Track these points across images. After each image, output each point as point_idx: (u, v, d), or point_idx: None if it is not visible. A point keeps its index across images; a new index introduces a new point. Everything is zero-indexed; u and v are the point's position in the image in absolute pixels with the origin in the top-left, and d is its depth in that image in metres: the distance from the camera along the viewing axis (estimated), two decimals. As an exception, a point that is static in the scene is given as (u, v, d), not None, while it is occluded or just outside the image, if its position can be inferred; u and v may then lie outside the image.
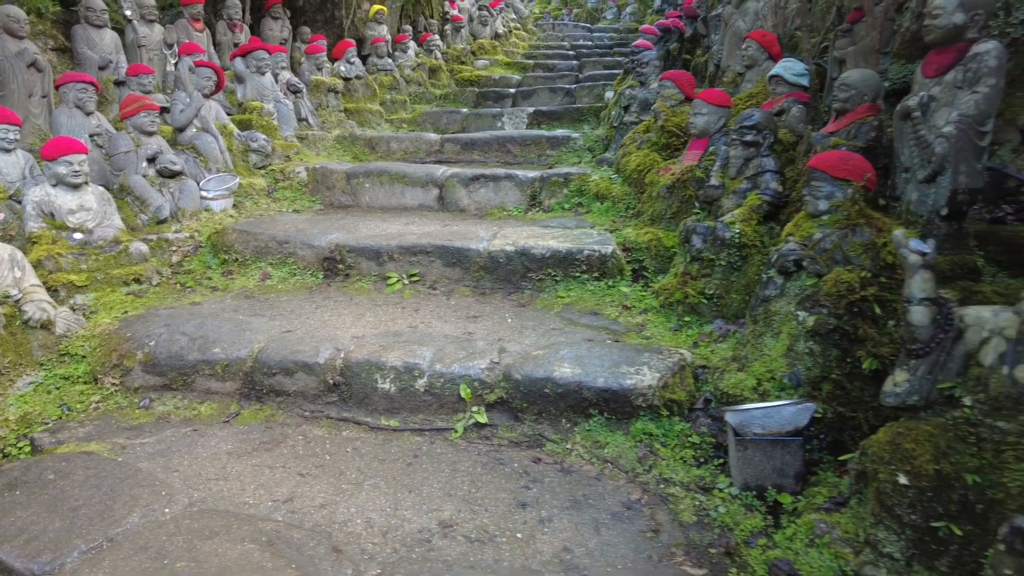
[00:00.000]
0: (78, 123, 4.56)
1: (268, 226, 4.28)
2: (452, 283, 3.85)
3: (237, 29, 7.73)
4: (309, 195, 5.30)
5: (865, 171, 2.39)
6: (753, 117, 3.12)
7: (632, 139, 4.83)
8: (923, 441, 1.69)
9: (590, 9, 16.30)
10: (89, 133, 4.61)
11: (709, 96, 3.83)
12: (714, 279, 3.04)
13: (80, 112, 4.58)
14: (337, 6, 9.52)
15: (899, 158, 2.97)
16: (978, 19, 2.70)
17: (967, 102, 2.69)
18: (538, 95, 8.59)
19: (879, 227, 2.33)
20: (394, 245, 3.90)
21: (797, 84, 4.11)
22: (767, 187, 3.02)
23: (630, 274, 3.72)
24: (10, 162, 3.98)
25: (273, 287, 3.93)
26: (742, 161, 3.15)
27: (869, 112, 3.35)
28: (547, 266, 3.69)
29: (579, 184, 4.91)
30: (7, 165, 3.96)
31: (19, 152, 4.04)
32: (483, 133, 6.56)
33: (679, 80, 4.65)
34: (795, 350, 2.33)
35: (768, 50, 4.86)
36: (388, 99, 8.17)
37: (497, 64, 10.45)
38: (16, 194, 3.90)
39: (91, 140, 4.61)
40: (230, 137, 5.06)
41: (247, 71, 5.78)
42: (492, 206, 5.04)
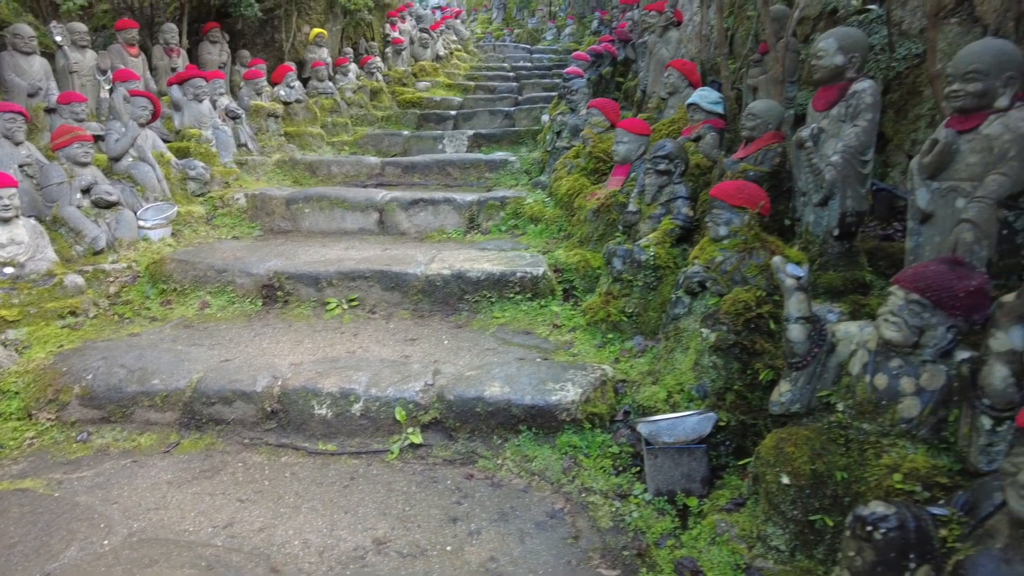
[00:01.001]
0: (7, 153, 4.51)
1: (207, 254, 4.32)
2: (391, 307, 3.97)
3: (174, 54, 7.72)
4: (249, 221, 5.34)
5: (759, 199, 2.64)
6: (665, 147, 3.36)
7: (563, 164, 5.07)
8: (801, 444, 1.92)
9: (531, 30, 16.69)
10: (19, 163, 4.55)
11: (630, 126, 4.08)
12: (633, 298, 3.26)
13: (8, 142, 4.52)
14: (277, 29, 9.56)
15: (797, 183, 3.26)
16: (855, 61, 3.00)
17: (849, 135, 2.98)
18: (479, 117, 8.80)
19: (772, 250, 2.58)
20: (333, 271, 4.00)
21: (712, 111, 4.41)
22: (679, 212, 3.26)
23: (561, 294, 3.91)
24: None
25: (212, 316, 3.98)
26: (656, 188, 3.39)
27: (774, 139, 3.65)
28: (483, 288, 3.86)
29: (515, 207, 5.11)
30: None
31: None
32: (424, 156, 6.72)
33: (605, 108, 4.91)
34: (701, 364, 2.55)
35: (688, 78, 5.17)
36: (329, 122, 8.24)
37: (439, 86, 10.65)
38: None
39: (21, 171, 4.57)
40: (167, 166, 5.07)
41: (184, 99, 5.79)
42: (432, 229, 5.18)
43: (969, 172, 2.32)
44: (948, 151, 2.35)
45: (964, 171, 2.33)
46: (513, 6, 18.31)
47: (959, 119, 2.35)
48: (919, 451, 1.80)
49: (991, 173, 2.24)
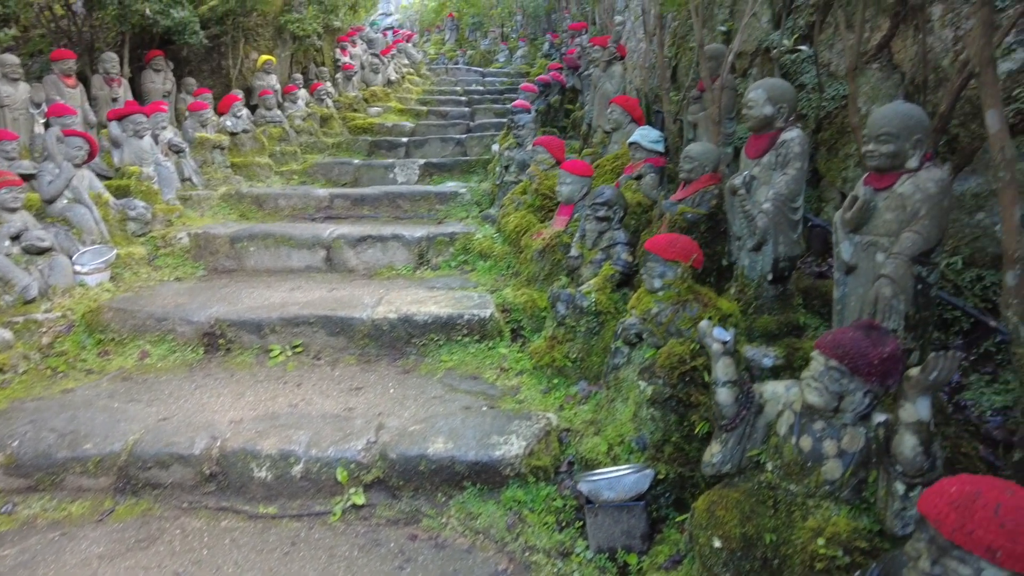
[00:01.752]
0: (-69, 199, 4.33)
1: (146, 301, 4.21)
2: (337, 352, 3.93)
3: (115, 83, 7.53)
4: (192, 261, 5.23)
5: (691, 252, 2.71)
6: (604, 194, 3.43)
7: (511, 200, 5.11)
8: (732, 508, 1.96)
9: (483, 51, 16.81)
10: (-56, 209, 4.39)
11: (572, 167, 4.14)
12: (577, 343, 3.30)
13: (-67, 187, 4.35)
14: (224, 56, 9.43)
15: (731, 228, 3.36)
16: (783, 111, 3.12)
17: (780, 183, 3.09)
18: (430, 145, 8.81)
19: (705, 303, 2.64)
20: (276, 317, 3.94)
21: (653, 150, 4.51)
22: (618, 258, 3.32)
23: (509, 334, 3.93)
24: None
25: (152, 366, 3.87)
26: (597, 234, 3.45)
27: (711, 181, 3.75)
28: (430, 331, 3.85)
29: (464, 243, 5.12)
30: None
31: None
32: (374, 188, 6.68)
33: (550, 146, 4.98)
34: (640, 416, 2.59)
35: (631, 114, 5.28)
36: (278, 151, 8.14)
37: (390, 111, 10.63)
38: None
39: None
40: (105, 207, 4.94)
41: (124, 135, 5.65)
42: (380, 266, 5.16)
43: (886, 228, 2.42)
44: (867, 208, 2.46)
45: (882, 227, 2.44)
46: (466, 27, 18.44)
47: (876, 177, 2.46)
48: (842, 512, 1.86)
49: (905, 230, 2.35)
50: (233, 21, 9.16)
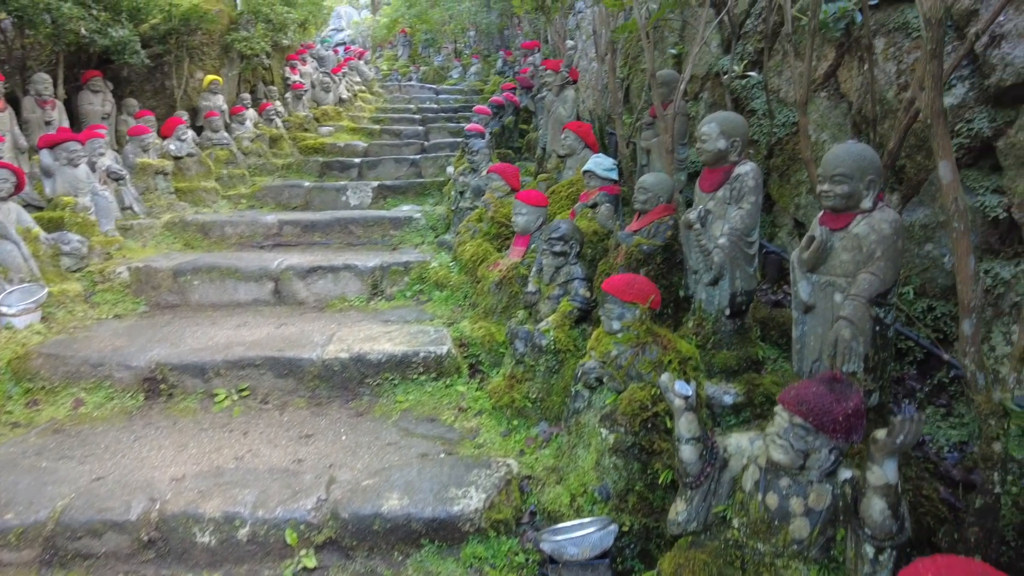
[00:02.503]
0: None
1: (81, 345, 3.96)
2: (285, 395, 3.76)
3: (48, 106, 7.17)
4: (132, 296, 4.97)
5: (649, 294, 2.66)
6: (560, 229, 3.36)
7: (467, 227, 5.01)
8: (699, 571, 1.89)
9: (437, 68, 16.72)
10: None
11: (527, 198, 4.07)
12: (536, 383, 3.21)
13: None
14: (167, 76, 9.11)
15: (688, 262, 3.33)
16: (736, 145, 3.11)
17: (735, 217, 3.07)
18: (384, 165, 8.66)
19: (664, 345, 2.59)
20: (221, 360, 3.75)
21: (607, 178, 4.48)
22: (576, 294, 3.26)
23: (467, 370, 3.83)
24: None
25: (87, 416, 3.63)
26: (554, 269, 3.38)
27: (665, 212, 3.72)
28: (384, 370, 3.72)
29: (420, 272, 5.00)
30: None
31: None
32: (325, 214, 6.50)
33: (504, 173, 4.91)
34: (603, 464, 2.52)
35: (584, 140, 5.26)
36: (225, 174, 7.89)
37: (342, 130, 10.43)
38: None
39: None
40: (36, 242, 4.65)
41: (57, 164, 5.36)
42: (332, 297, 4.99)
43: (843, 268, 2.42)
44: (823, 248, 2.44)
45: (839, 267, 2.43)
46: (419, 43, 18.32)
47: (831, 217, 2.45)
48: (811, 573, 1.81)
49: (862, 271, 2.34)
50: (177, 40, 8.87)
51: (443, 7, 17.18)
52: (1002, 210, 2.75)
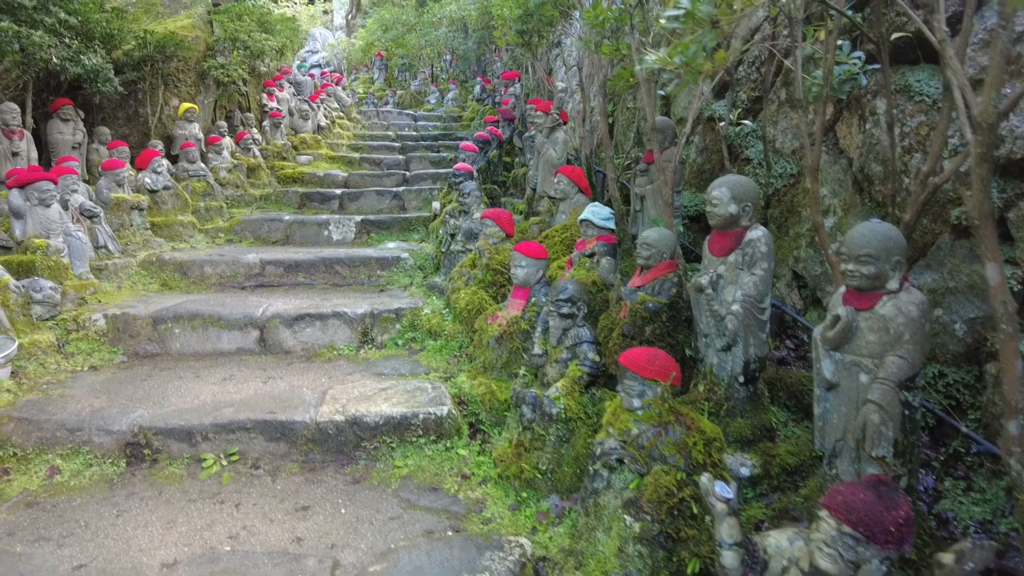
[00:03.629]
0: None
1: (56, 407, 3.73)
2: (277, 459, 3.58)
3: (16, 136, 6.89)
4: (109, 345, 4.73)
5: (671, 370, 2.58)
6: (567, 290, 3.28)
7: (460, 273, 4.91)
8: None
9: (414, 92, 16.65)
10: None
11: (526, 250, 3.99)
12: (546, 452, 3.10)
13: None
14: (141, 103, 8.86)
15: (698, 325, 3.27)
16: (748, 210, 3.08)
17: (748, 284, 3.03)
18: (366, 198, 8.53)
19: (688, 425, 2.51)
20: (208, 423, 3.56)
21: (605, 227, 4.43)
22: (585, 358, 3.17)
23: (467, 430, 3.71)
24: None
25: (64, 485, 3.40)
26: (561, 331, 3.30)
27: (669, 268, 3.67)
28: (382, 433, 3.57)
29: (411, 319, 4.87)
30: None
31: None
32: (309, 253, 6.32)
33: (499, 220, 4.83)
34: (626, 552, 2.42)
35: (577, 184, 5.22)
36: (202, 207, 7.67)
37: (321, 159, 10.26)
38: None
39: None
40: (5, 290, 4.40)
41: (27, 204, 5.11)
42: (321, 346, 4.83)
43: (869, 349, 2.37)
44: (849, 328, 2.40)
45: (865, 348, 2.38)
46: (395, 67, 18.23)
47: (855, 297, 2.41)
48: None
49: (890, 354, 2.29)
50: (152, 67, 8.65)
51: (420, 32, 17.15)
52: (1016, 282, 2.75)
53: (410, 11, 18.52)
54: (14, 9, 6.56)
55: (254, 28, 10.03)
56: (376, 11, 21.55)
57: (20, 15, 6.61)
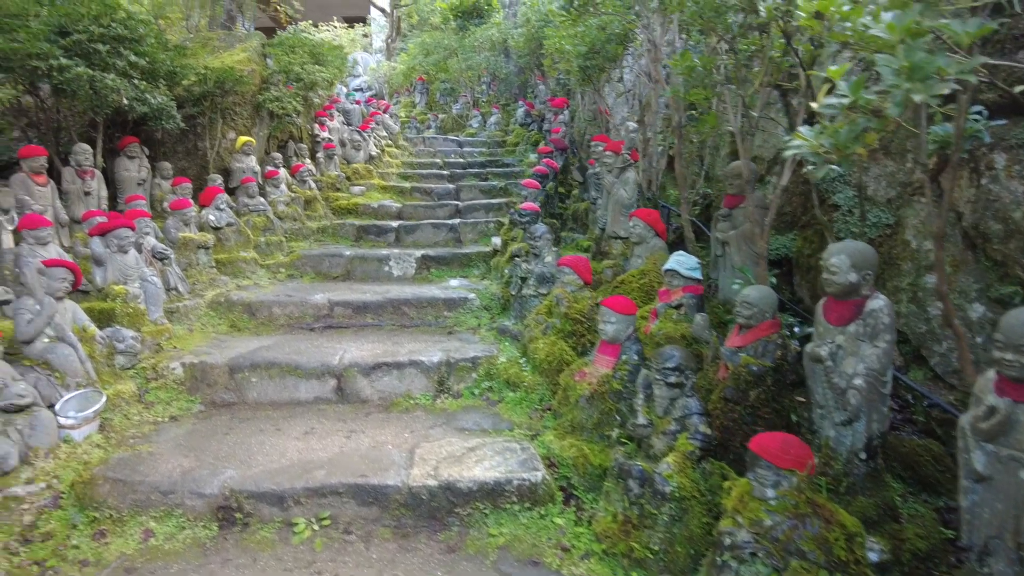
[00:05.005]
0: None
1: (147, 467, 3.72)
2: (369, 524, 3.51)
3: (87, 176, 7.05)
4: (187, 394, 4.75)
5: (807, 459, 2.45)
6: (674, 358, 3.17)
7: (536, 321, 4.82)
8: None
9: (455, 116, 16.72)
10: (-93, 358, 3.87)
11: (615, 305, 3.88)
12: (657, 532, 2.98)
13: None
14: (200, 137, 9.02)
15: (813, 395, 3.13)
16: (868, 278, 2.94)
17: (871, 357, 2.88)
18: (422, 231, 8.52)
19: (827, 518, 2.38)
20: (300, 488, 3.52)
21: (691, 278, 4.31)
22: (696, 431, 3.05)
23: (560, 496, 3.60)
24: None
25: (159, 548, 3.38)
26: (668, 401, 3.18)
27: (772, 329, 3.54)
28: (475, 499, 3.48)
29: (487, 368, 4.80)
30: None
31: None
32: (376, 294, 6.29)
33: (577, 267, 4.74)
34: (765, 655, 2.28)
35: (654, 228, 5.11)
36: (263, 242, 7.73)
37: (373, 189, 10.32)
38: None
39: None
40: (91, 342, 4.44)
41: (108, 252, 5.18)
42: (397, 395, 4.77)
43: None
44: (1006, 421, 2.25)
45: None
46: (436, 91, 18.37)
47: (1012, 387, 2.26)
48: None
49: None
50: (211, 102, 8.80)
51: (461, 56, 17.27)
52: None
53: (451, 35, 18.69)
54: (89, 54, 6.73)
55: (307, 60, 10.17)
56: (415, 34, 21.81)
57: (94, 59, 6.77)
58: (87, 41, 6.70)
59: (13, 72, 6.40)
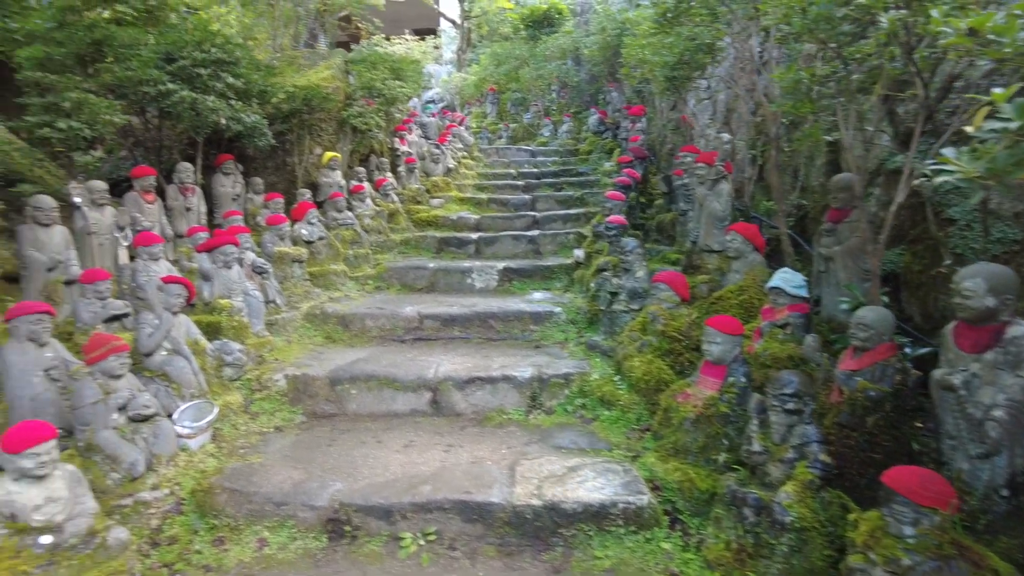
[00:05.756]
0: (31, 359, 4.11)
1: (260, 478, 3.86)
2: (473, 541, 3.54)
3: (189, 192, 7.45)
4: (289, 405, 4.92)
5: (949, 497, 2.32)
6: (792, 384, 3.07)
7: (630, 337, 4.77)
8: None
9: (526, 125, 16.78)
10: (44, 368, 4.15)
11: (721, 325, 3.79)
12: (775, 562, 2.88)
13: (33, 345, 4.13)
14: (288, 152, 9.37)
15: (943, 425, 2.97)
16: (1008, 303, 2.77)
17: (1014, 387, 2.71)
18: (501, 243, 8.58)
19: (976, 562, 2.24)
20: (407, 503, 3.58)
21: (798, 296, 4.17)
22: (816, 461, 2.94)
23: (666, 520, 3.53)
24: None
25: (272, 557, 3.51)
26: (785, 428, 3.08)
27: (889, 352, 3.38)
28: (579, 521, 3.46)
29: (580, 384, 4.77)
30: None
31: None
32: (463, 308, 6.35)
33: (673, 283, 4.67)
34: None
35: (752, 242, 4.97)
36: (351, 255, 7.94)
37: (451, 201, 10.47)
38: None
39: (46, 375, 4.16)
40: (203, 354, 4.67)
41: (214, 267, 5.44)
42: (490, 409, 4.81)
43: None
44: None
45: None
46: (507, 100, 18.51)
47: None
48: None
49: None
50: (299, 119, 9.13)
51: (532, 66, 17.34)
52: None
53: (521, 44, 18.80)
54: (191, 78, 7.10)
55: (388, 76, 10.42)
56: (484, 45, 22.06)
57: (196, 83, 7.14)
58: (190, 66, 7.09)
59: (126, 97, 6.83)
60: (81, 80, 6.34)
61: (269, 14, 13.63)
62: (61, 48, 6.49)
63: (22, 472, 3.13)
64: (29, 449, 3.10)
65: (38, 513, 3.15)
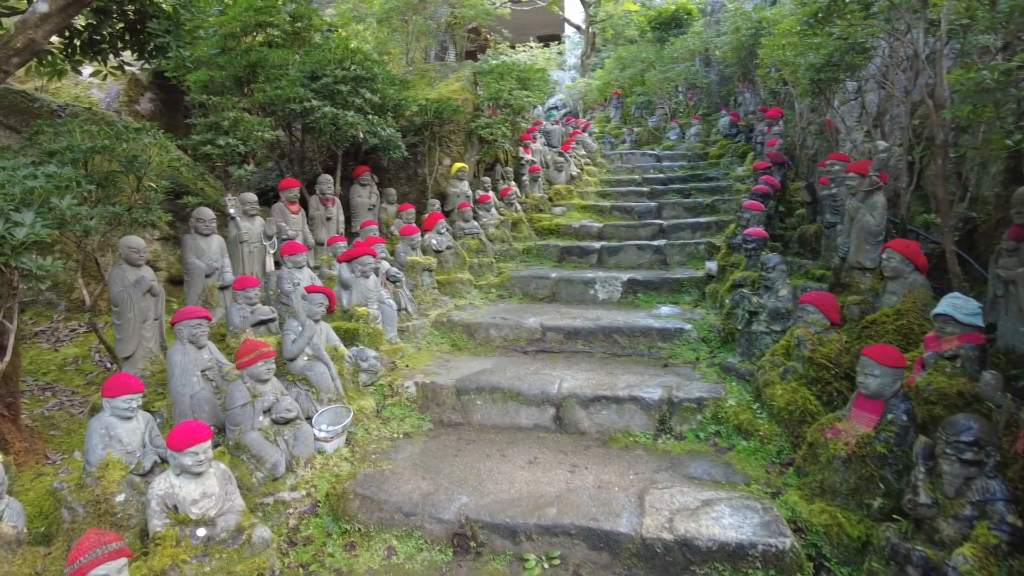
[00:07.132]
0: (191, 360, 4.47)
1: (392, 488, 3.95)
2: (599, 569, 3.42)
3: (329, 203, 7.88)
4: (418, 412, 5.04)
5: None
6: (972, 430, 2.69)
7: (772, 362, 4.44)
8: None
9: (651, 129, 16.36)
10: (201, 369, 4.50)
11: (881, 355, 3.42)
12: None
13: (193, 347, 4.50)
14: (419, 163, 9.70)
15: None
16: None
17: None
18: (625, 252, 8.39)
19: None
20: (532, 524, 3.53)
21: (970, 324, 3.70)
22: (1002, 522, 2.56)
23: (810, 567, 3.23)
24: (130, 429, 3.83)
25: (400, 567, 3.57)
26: (961, 480, 2.71)
27: (1094, 396, 2.89)
28: (714, 559, 3.25)
29: (714, 410, 4.51)
30: (128, 433, 3.80)
31: (139, 415, 3.91)
32: (586, 320, 6.24)
33: (822, 305, 4.29)
34: None
35: (913, 261, 4.49)
36: (476, 263, 8.08)
37: (573, 208, 10.39)
38: (137, 467, 3.73)
39: (202, 375, 4.51)
40: (341, 360, 4.89)
41: (353, 276, 5.69)
42: (615, 430, 4.66)
43: None
44: None
45: None
46: (631, 104, 18.15)
47: None
48: None
49: None
50: (430, 131, 9.42)
51: (659, 68, 16.89)
52: None
53: (647, 47, 18.37)
54: (333, 95, 7.50)
55: (515, 86, 10.51)
56: (609, 49, 21.78)
57: (337, 99, 7.54)
58: (332, 83, 7.50)
59: (275, 114, 7.33)
60: (238, 100, 6.88)
61: (403, 29, 14.25)
62: (222, 71, 7.09)
63: (183, 468, 3.39)
64: (189, 448, 3.36)
65: (195, 507, 3.39)
